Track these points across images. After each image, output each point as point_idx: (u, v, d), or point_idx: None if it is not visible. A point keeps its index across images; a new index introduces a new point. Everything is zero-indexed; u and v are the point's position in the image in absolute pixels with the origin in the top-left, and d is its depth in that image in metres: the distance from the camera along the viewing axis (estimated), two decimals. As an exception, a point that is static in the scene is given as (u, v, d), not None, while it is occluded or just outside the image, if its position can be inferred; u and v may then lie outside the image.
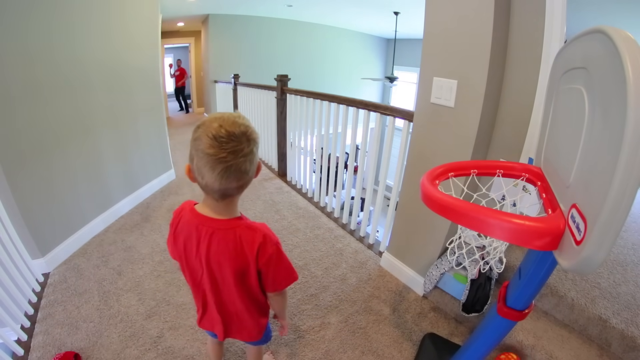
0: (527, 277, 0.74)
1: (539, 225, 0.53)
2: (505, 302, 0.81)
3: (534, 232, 0.53)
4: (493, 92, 1.22)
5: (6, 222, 1.48)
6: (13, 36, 1.49)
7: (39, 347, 1.29)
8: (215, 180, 0.59)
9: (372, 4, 4.75)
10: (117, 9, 2.22)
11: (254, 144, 0.63)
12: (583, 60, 0.56)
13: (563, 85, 0.69)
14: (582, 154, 0.53)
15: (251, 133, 0.62)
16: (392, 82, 6.19)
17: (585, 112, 0.52)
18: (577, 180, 0.53)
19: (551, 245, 0.53)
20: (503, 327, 0.85)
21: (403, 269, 1.71)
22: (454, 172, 0.83)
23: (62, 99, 1.80)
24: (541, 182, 0.76)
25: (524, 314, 0.79)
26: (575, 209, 0.49)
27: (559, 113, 0.72)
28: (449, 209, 0.61)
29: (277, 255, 0.72)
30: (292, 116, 2.89)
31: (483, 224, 0.55)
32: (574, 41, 0.63)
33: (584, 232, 0.45)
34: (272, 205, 2.59)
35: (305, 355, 1.29)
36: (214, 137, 0.57)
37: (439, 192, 0.65)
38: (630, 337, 1.08)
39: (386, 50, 8.10)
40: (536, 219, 0.54)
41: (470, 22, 1.14)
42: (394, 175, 1.78)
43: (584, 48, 0.57)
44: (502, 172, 0.84)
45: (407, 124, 1.63)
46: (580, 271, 0.46)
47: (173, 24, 6.45)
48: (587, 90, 0.54)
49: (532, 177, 0.80)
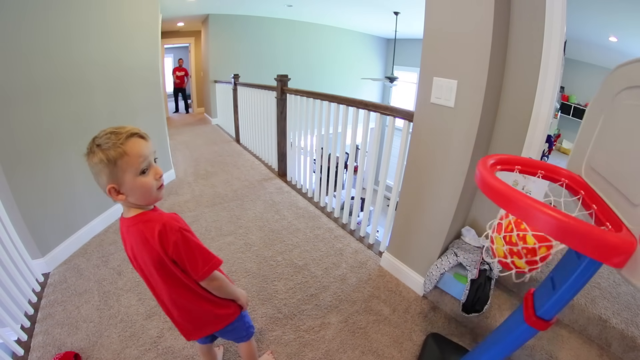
0: (564, 288, 0.71)
1: (619, 242, 0.50)
2: (535, 311, 0.78)
3: (616, 247, 0.50)
4: (493, 92, 1.22)
5: (6, 222, 1.48)
6: (13, 36, 1.49)
7: (39, 347, 1.29)
8: None
9: (372, 4, 4.75)
10: (116, 9, 2.22)
11: (93, 154, 0.68)
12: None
13: (625, 100, 0.68)
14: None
15: (97, 143, 0.68)
16: (392, 82, 6.19)
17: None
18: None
19: (622, 264, 0.51)
20: (526, 336, 0.83)
21: (403, 269, 1.71)
22: (502, 165, 0.81)
23: (61, 100, 1.80)
24: (585, 191, 0.75)
25: (550, 323, 0.77)
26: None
27: (617, 127, 0.71)
28: (519, 206, 0.57)
29: (183, 241, 0.72)
30: (292, 116, 2.89)
31: (553, 227, 0.52)
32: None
33: None
34: (272, 205, 2.59)
35: (305, 355, 1.29)
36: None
37: (507, 186, 0.62)
38: (630, 337, 1.08)
39: (386, 50, 8.09)
40: (616, 235, 0.52)
41: (470, 22, 1.14)
42: (394, 175, 1.78)
43: None
44: (543, 173, 0.82)
45: (407, 124, 1.63)
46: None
47: (173, 24, 6.45)
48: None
49: (572, 184, 0.79)
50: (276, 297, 1.59)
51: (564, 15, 1.05)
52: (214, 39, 5.96)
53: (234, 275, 1.74)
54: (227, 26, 5.94)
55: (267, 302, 1.56)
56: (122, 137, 0.68)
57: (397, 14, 5.15)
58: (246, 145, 4.39)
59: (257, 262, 1.86)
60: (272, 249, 1.99)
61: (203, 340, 1.04)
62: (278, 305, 1.54)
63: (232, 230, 2.19)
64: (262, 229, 2.22)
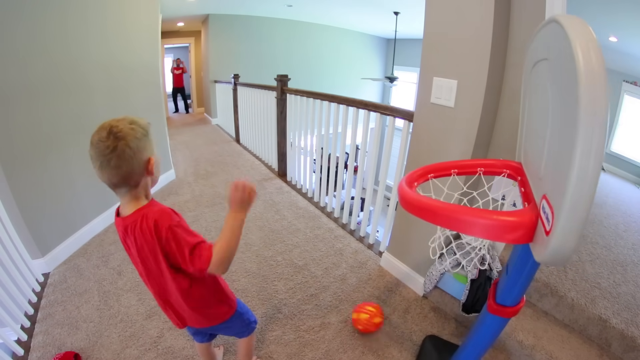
0: (514, 273, 0.74)
1: (510, 219, 0.52)
2: (495, 299, 0.81)
3: (507, 225, 0.52)
4: (493, 92, 1.22)
5: (6, 222, 1.48)
6: (12, 36, 1.49)
7: (39, 347, 1.29)
8: (99, 175, 0.69)
9: (372, 4, 4.75)
10: (116, 9, 2.22)
11: (120, 140, 0.66)
12: (545, 51, 0.57)
13: (533, 79, 0.69)
14: (548, 145, 0.53)
15: (118, 131, 0.67)
16: (392, 82, 6.19)
17: (549, 103, 0.53)
18: (546, 171, 0.53)
19: (526, 238, 0.53)
20: (495, 325, 0.85)
21: (403, 269, 1.71)
22: (434, 173, 0.83)
23: (61, 100, 1.80)
24: (521, 176, 0.76)
25: (515, 310, 0.78)
26: (545, 200, 0.49)
27: (531, 107, 0.72)
28: (424, 209, 0.61)
29: (173, 235, 0.70)
30: (292, 116, 2.89)
31: (459, 222, 0.55)
32: (539, 32, 0.63)
33: (551, 221, 0.45)
34: (272, 205, 2.59)
35: (305, 355, 1.29)
36: (91, 142, 0.68)
37: (415, 193, 0.65)
38: (630, 337, 1.08)
39: (386, 50, 8.09)
40: (509, 213, 0.54)
41: (470, 22, 1.14)
42: (394, 175, 1.78)
43: (546, 38, 0.57)
44: (482, 169, 0.84)
45: (407, 124, 1.63)
46: (552, 262, 0.46)
47: (173, 24, 6.45)
48: (549, 81, 0.54)
49: (512, 173, 0.80)
50: (276, 297, 1.59)
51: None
52: (214, 39, 5.96)
53: (234, 275, 1.74)
54: (227, 26, 5.94)
55: (267, 302, 1.56)
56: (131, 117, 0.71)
57: (397, 14, 5.15)
58: (246, 145, 4.39)
59: (257, 262, 1.86)
60: (272, 249, 1.99)
61: (201, 338, 1.04)
62: (278, 305, 1.54)
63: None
64: (262, 229, 2.22)
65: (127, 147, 0.67)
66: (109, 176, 0.68)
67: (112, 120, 0.69)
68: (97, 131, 0.68)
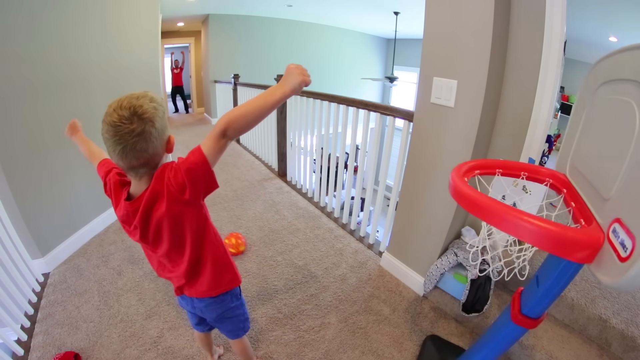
0: (547, 286, 0.72)
1: (580, 237, 0.50)
2: (521, 310, 0.79)
3: (576, 243, 0.50)
4: (493, 92, 1.22)
5: (6, 222, 1.48)
6: (10, 36, 1.49)
7: (39, 347, 1.29)
8: (119, 159, 0.63)
9: (372, 4, 4.75)
10: (115, 9, 2.22)
11: (147, 122, 0.62)
12: (634, 72, 0.55)
13: (604, 94, 0.67)
14: (629, 167, 0.50)
15: (143, 112, 0.62)
16: (392, 82, 6.19)
17: (637, 125, 0.50)
18: (621, 194, 0.51)
19: (588, 259, 0.51)
20: (515, 334, 0.83)
21: (403, 269, 1.71)
22: (480, 169, 0.81)
23: (61, 100, 1.80)
24: (567, 189, 0.74)
25: (538, 322, 0.77)
26: (619, 224, 0.47)
27: (595, 122, 0.70)
28: (485, 209, 0.59)
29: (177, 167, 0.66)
30: (292, 116, 2.89)
31: (520, 229, 0.53)
32: (624, 52, 0.61)
33: (631, 249, 0.43)
34: (272, 205, 2.59)
35: (305, 355, 1.29)
36: (109, 122, 0.61)
37: (473, 189, 0.63)
38: (630, 337, 1.08)
39: (386, 50, 8.09)
40: (577, 230, 0.52)
41: (470, 22, 1.14)
42: (394, 175, 1.78)
43: (636, 61, 0.55)
44: (526, 174, 0.82)
45: (407, 124, 1.63)
46: (623, 288, 0.45)
47: (173, 24, 6.44)
48: (638, 103, 0.52)
49: (556, 184, 0.79)
50: (276, 297, 1.59)
51: (564, 15, 1.05)
52: (214, 39, 5.96)
53: (234, 275, 1.74)
54: (227, 26, 5.94)
55: (267, 302, 1.56)
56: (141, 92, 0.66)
57: (397, 14, 5.15)
58: (246, 145, 4.38)
59: (257, 262, 1.86)
60: (272, 249, 1.99)
61: (202, 328, 1.05)
62: (278, 305, 1.54)
63: (232, 230, 2.18)
64: (262, 228, 2.22)
65: (154, 128, 0.63)
66: (131, 160, 0.63)
67: (131, 97, 0.63)
68: (114, 109, 0.61)
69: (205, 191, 0.70)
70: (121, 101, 0.62)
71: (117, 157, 0.63)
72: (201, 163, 0.65)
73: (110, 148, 0.63)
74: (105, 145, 0.64)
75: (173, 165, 0.68)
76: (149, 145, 0.64)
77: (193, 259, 0.79)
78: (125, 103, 0.61)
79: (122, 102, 0.62)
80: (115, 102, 0.63)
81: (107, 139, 0.62)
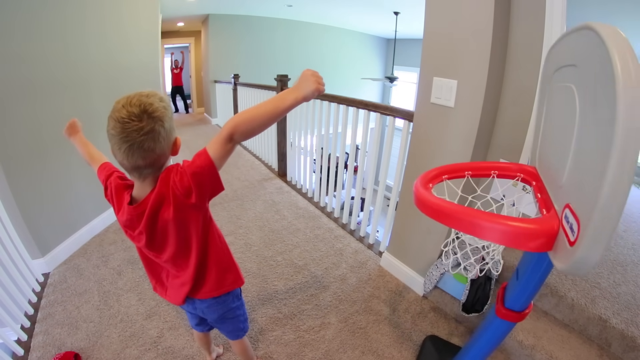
0: (525, 278, 0.73)
1: (532, 227, 0.52)
2: (504, 304, 0.81)
3: (528, 233, 0.52)
4: (493, 92, 1.22)
5: (6, 222, 1.48)
6: (9, 35, 1.49)
7: (39, 347, 1.29)
8: (124, 158, 0.61)
9: (372, 4, 4.75)
10: (115, 9, 2.22)
11: (156, 121, 0.61)
12: (573, 57, 0.56)
13: (555, 83, 0.68)
14: (574, 153, 0.52)
15: (153, 111, 0.61)
16: (392, 82, 6.19)
17: (577, 110, 0.52)
18: (570, 179, 0.53)
19: (546, 247, 0.52)
20: (503, 329, 0.85)
21: (403, 269, 1.71)
22: (448, 174, 0.83)
23: (61, 100, 1.80)
24: (536, 181, 0.75)
25: (523, 314, 0.78)
26: (569, 209, 0.48)
27: (551, 111, 0.71)
28: (442, 212, 0.60)
29: (183, 171, 0.66)
30: (292, 116, 2.89)
31: (476, 227, 0.55)
32: (564, 38, 0.62)
33: (577, 232, 0.44)
34: (272, 205, 2.59)
35: (305, 355, 1.29)
36: (117, 118, 0.59)
37: (432, 195, 0.65)
38: (630, 337, 1.08)
39: (386, 50, 8.09)
40: (530, 221, 0.53)
41: (470, 22, 1.14)
42: (394, 175, 1.78)
43: (573, 45, 0.56)
44: (497, 172, 0.83)
45: (407, 124, 1.63)
46: (574, 272, 0.46)
47: (173, 24, 6.44)
48: (577, 88, 0.53)
49: (527, 177, 0.80)
50: (276, 297, 1.59)
51: (564, 15, 1.05)
52: (214, 39, 5.96)
53: (234, 275, 1.74)
54: (227, 26, 5.94)
55: (267, 302, 1.56)
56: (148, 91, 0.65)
57: (397, 14, 5.15)
58: (246, 145, 4.38)
59: (257, 262, 1.86)
60: (272, 249, 1.99)
61: (202, 328, 1.05)
62: (278, 305, 1.54)
63: (232, 230, 2.19)
64: (262, 229, 2.22)
65: (162, 128, 0.62)
66: (137, 159, 0.61)
67: (140, 94, 0.61)
68: (122, 105, 0.59)
69: (211, 194, 0.69)
70: (130, 98, 0.60)
71: (122, 155, 0.61)
72: (207, 167, 0.64)
73: (115, 146, 0.61)
74: (111, 142, 0.62)
75: (179, 168, 0.67)
76: (157, 145, 0.62)
77: (199, 262, 0.78)
78: (135, 100, 0.60)
79: (132, 99, 0.60)
80: (123, 98, 0.61)
81: (113, 136, 0.60)
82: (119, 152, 0.61)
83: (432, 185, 0.77)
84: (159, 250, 0.76)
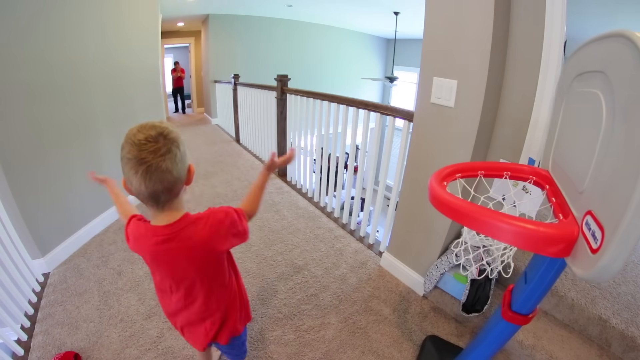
0: (534, 282, 0.72)
1: (552, 232, 0.51)
2: (510, 307, 0.80)
3: (548, 238, 0.51)
4: (493, 92, 1.22)
5: (6, 222, 1.48)
6: (8, 35, 1.49)
7: (39, 347, 1.29)
8: (141, 182, 0.60)
9: (372, 4, 4.75)
10: (115, 9, 2.22)
11: (172, 142, 0.62)
12: (601, 63, 0.55)
13: (576, 88, 0.67)
14: (598, 159, 0.51)
15: (168, 133, 0.62)
16: (392, 82, 6.19)
17: (603, 116, 0.51)
18: (592, 186, 0.52)
19: (564, 252, 0.51)
20: (507, 331, 0.84)
21: (403, 269, 1.71)
22: (462, 173, 0.82)
23: (60, 100, 1.80)
24: (550, 185, 0.75)
25: (529, 318, 0.78)
26: (591, 216, 0.48)
27: (570, 116, 0.70)
28: (459, 212, 0.59)
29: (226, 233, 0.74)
30: (292, 116, 2.89)
31: (492, 228, 0.54)
32: (591, 44, 0.61)
33: (601, 240, 0.43)
34: (272, 205, 2.59)
35: (305, 355, 1.29)
36: (133, 142, 0.60)
37: (448, 194, 0.64)
38: (630, 337, 1.08)
39: (386, 50, 8.09)
40: (550, 225, 0.52)
41: (470, 22, 1.14)
42: (394, 175, 1.78)
43: (603, 52, 0.55)
44: (509, 174, 0.82)
45: (407, 124, 1.63)
46: (596, 280, 0.45)
47: (173, 24, 6.45)
48: (604, 95, 0.52)
49: (539, 180, 0.79)
50: (276, 297, 1.59)
51: (564, 15, 1.05)
52: (214, 39, 5.96)
53: (234, 275, 1.74)
54: (227, 26, 5.94)
55: (267, 302, 1.56)
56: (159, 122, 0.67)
57: (397, 14, 5.15)
58: (246, 145, 4.38)
59: (257, 262, 1.86)
60: (272, 249, 1.99)
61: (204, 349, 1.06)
62: (278, 305, 1.54)
63: (232, 230, 2.18)
64: (262, 228, 2.22)
65: (178, 150, 0.63)
66: (154, 182, 0.60)
67: (152, 122, 0.63)
68: (138, 130, 0.61)
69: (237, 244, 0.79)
70: (144, 124, 0.62)
71: (139, 180, 0.59)
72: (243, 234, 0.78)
73: (131, 171, 0.59)
74: (125, 169, 0.61)
75: (220, 223, 0.72)
76: (174, 167, 0.62)
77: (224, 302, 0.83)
78: (149, 125, 0.62)
79: (146, 124, 0.62)
80: (136, 126, 0.62)
81: (128, 160, 0.59)
82: (135, 178, 0.60)
83: (446, 183, 0.76)
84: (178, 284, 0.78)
